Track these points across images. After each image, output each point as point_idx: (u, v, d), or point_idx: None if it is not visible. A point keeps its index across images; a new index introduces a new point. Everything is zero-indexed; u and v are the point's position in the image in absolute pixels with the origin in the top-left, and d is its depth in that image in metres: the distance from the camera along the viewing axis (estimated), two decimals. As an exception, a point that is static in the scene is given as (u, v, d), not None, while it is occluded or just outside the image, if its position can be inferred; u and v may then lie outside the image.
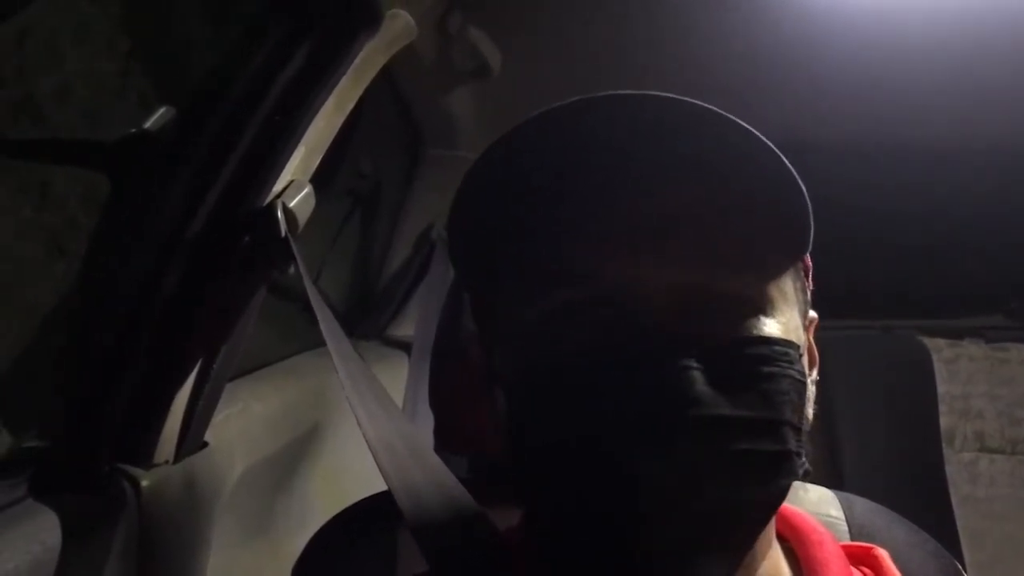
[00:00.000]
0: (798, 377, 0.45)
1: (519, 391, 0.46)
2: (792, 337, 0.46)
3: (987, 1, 1.10)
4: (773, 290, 0.47)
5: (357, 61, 0.82)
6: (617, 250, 0.45)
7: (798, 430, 0.45)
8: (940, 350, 1.66)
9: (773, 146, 0.44)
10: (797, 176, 0.45)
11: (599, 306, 0.44)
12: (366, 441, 0.58)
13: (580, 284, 0.45)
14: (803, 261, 0.52)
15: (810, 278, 0.53)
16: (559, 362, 0.44)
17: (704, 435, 0.41)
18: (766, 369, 0.44)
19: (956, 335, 1.69)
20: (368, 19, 0.82)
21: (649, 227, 0.44)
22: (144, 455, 0.72)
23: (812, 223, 0.47)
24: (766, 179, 0.45)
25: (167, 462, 0.75)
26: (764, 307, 0.46)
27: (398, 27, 0.89)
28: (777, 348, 0.45)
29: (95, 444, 0.70)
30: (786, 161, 0.44)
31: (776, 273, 0.48)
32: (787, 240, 0.48)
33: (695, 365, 0.42)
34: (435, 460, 0.60)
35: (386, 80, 1.25)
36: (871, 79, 1.27)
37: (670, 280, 0.44)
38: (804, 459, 0.46)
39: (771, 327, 0.45)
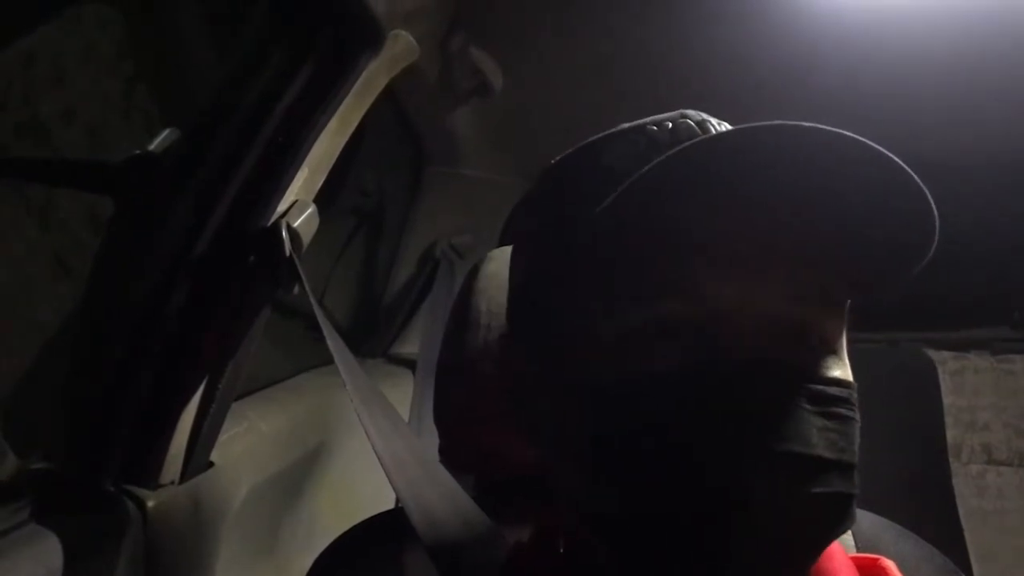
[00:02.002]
0: (860, 422, 0.46)
1: (609, 400, 0.44)
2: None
3: (989, 12, 1.11)
4: (844, 334, 0.47)
5: (359, 82, 0.82)
6: (731, 272, 0.44)
7: None
8: (945, 362, 1.65)
9: (933, 205, 0.41)
10: (935, 231, 0.43)
11: (704, 324, 0.43)
12: (377, 456, 0.58)
13: (685, 299, 0.44)
14: None
15: None
16: (665, 377, 0.43)
17: (808, 474, 0.41)
18: (847, 412, 0.44)
19: (961, 347, 1.68)
20: (370, 40, 0.83)
21: (761, 255, 0.43)
22: (150, 476, 0.72)
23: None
24: (896, 242, 0.44)
25: (173, 483, 0.75)
26: (841, 351, 0.47)
27: (400, 48, 0.89)
28: (853, 393, 0.46)
29: (100, 465, 0.70)
30: (935, 216, 0.42)
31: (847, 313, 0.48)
32: (879, 288, 0.47)
33: (805, 405, 0.42)
34: (445, 475, 0.60)
35: (389, 99, 1.26)
36: (871, 91, 1.27)
37: (774, 310, 0.44)
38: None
39: (847, 371, 0.46)
